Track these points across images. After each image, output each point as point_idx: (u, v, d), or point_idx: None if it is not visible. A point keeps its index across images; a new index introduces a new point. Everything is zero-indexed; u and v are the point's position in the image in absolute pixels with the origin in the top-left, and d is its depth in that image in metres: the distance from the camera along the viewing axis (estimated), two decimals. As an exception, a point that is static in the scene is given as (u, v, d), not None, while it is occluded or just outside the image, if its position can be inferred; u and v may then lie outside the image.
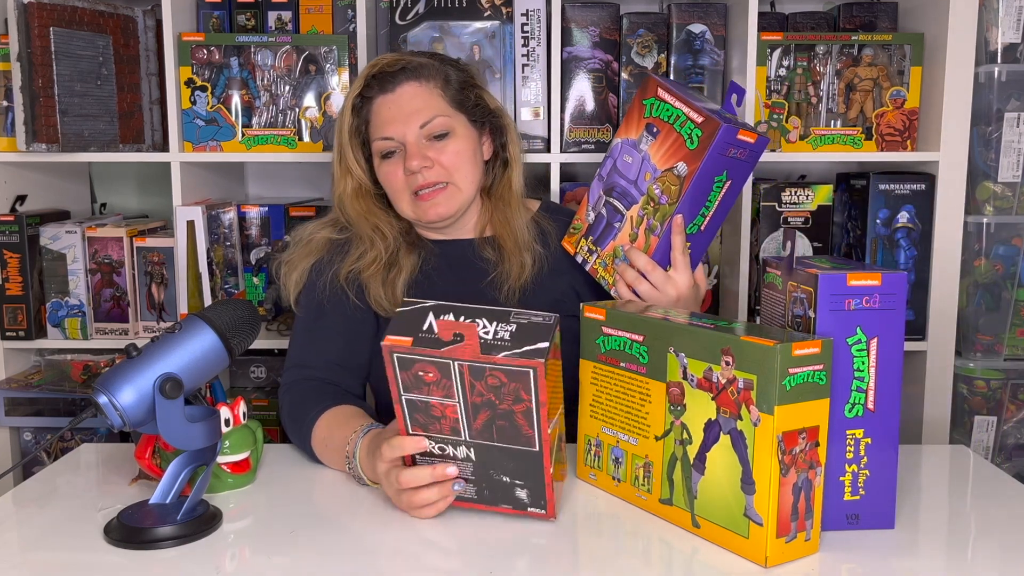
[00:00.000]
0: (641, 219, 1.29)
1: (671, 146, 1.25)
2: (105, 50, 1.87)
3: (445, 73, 1.41)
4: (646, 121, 1.30)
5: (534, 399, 1.00)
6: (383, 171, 1.40)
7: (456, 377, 1.02)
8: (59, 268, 1.93)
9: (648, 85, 1.32)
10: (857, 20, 1.99)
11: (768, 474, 0.94)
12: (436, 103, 1.38)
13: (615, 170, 1.34)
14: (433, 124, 1.37)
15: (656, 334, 1.06)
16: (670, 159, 1.25)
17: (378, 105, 1.39)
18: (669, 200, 1.25)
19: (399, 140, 1.37)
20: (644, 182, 1.29)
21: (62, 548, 1.03)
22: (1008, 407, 1.91)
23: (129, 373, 1.03)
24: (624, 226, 1.32)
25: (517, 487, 1.07)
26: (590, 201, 1.38)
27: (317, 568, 0.98)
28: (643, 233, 1.29)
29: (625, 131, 1.34)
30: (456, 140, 1.38)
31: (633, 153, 1.31)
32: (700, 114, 1.22)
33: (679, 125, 1.25)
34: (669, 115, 1.27)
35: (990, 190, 1.87)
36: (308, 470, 1.26)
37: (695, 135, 1.22)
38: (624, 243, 1.31)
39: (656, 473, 1.08)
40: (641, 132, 1.31)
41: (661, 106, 1.28)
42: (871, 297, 0.99)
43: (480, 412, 1.03)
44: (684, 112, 1.24)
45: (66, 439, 1.99)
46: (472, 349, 1.00)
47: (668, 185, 1.25)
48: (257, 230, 2.04)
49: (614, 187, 1.34)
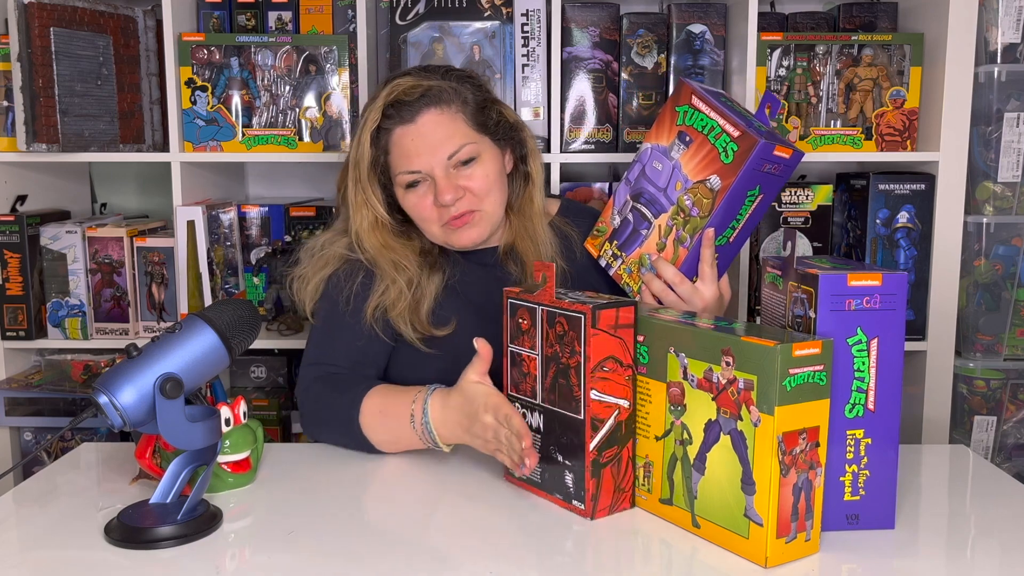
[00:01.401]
0: (670, 229, 1.28)
1: (704, 157, 1.24)
2: (105, 50, 1.87)
3: (463, 95, 1.35)
4: (679, 129, 1.28)
5: (583, 351, 1.03)
6: (410, 201, 1.36)
7: (539, 324, 1.09)
8: (59, 268, 1.93)
9: (682, 91, 1.30)
10: (857, 20, 1.99)
11: (768, 475, 0.94)
12: (461, 129, 1.34)
13: (643, 175, 1.33)
14: (460, 153, 1.33)
15: (656, 334, 1.06)
16: (703, 171, 1.24)
17: (399, 136, 1.33)
18: (701, 213, 1.24)
19: (426, 172, 1.33)
20: (675, 192, 1.28)
21: (62, 547, 1.03)
22: (1008, 407, 1.91)
23: (129, 373, 1.03)
24: (651, 234, 1.31)
25: (566, 469, 1.09)
26: (616, 204, 1.38)
27: (317, 568, 0.98)
28: (671, 244, 1.28)
29: (656, 136, 1.33)
30: (483, 164, 1.35)
31: (664, 160, 1.30)
32: (736, 128, 1.21)
33: (714, 137, 1.23)
34: (704, 125, 1.25)
35: (990, 190, 1.87)
36: (308, 470, 1.26)
37: (731, 149, 1.21)
38: (651, 251, 1.31)
39: (656, 473, 1.08)
40: (673, 139, 1.29)
41: (695, 115, 1.26)
42: (871, 297, 0.99)
43: (549, 367, 1.09)
44: (720, 124, 1.23)
45: (66, 439, 1.99)
46: (549, 294, 1.09)
47: (700, 198, 1.24)
48: (257, 230, 2.04)
49: (642, 193, 1.33)
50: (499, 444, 1.16)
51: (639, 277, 1.32)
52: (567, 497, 1.10)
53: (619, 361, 1.07)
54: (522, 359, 1.14)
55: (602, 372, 1.05)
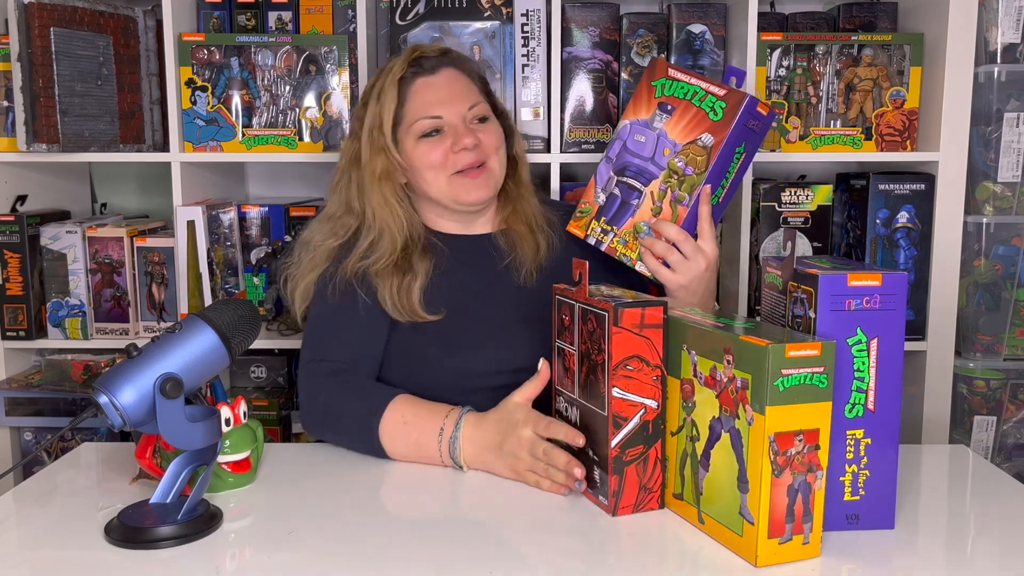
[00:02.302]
0: (664, 192, 1.33)
1: (691, 120, 1.31)
2: (105, 50, 1.87)
3: (476, 69, 1.49)
4: (658, 101, 1.34)
5: (606, 349, 1.05)
6: (421, 150, 1.40)
7: (577, 320, 1.12)
8: (59, 268, 1.93)
9: (657, 67, 1.36)
10: (857, 20, 1.99)
11: (759, 474, 0.94)
12: (476, 90, 1.45)
13: (626, 150, 1.37)
14: (478, 108, 1.42)
15: (672, 331, 1.07)
16: (692, 132, 1.31)
17: (419, 87, 1.41)
18: (696, 170, 1.30)
19: (447, 120, 1.39)
20: (663, 157, 1.33)
21: (62, 547, 1.03)
22: (1008, 407, 1.91)
23: (129, 373, 1.03)
24: (644, 202, 1.35)
25: (595, 464, 1.11)
26: (599, 183, 1.40)
27: (317, 568, 0.98)
28: (668, 205, 1.32)
29: (633, 112, 1.38)
30: (494, 124, 1.45)
31: (646, 132, 1.35)
32: (721, 87, 1.29)
33: (699, 100, 1.30)
34: (685, 92, 1.32)
35: (990, 190, 1.87)
36: (308, 470, 1.26)
37: (719, 107, 1.29)
38: (646, 218, 1.34)
39: (671, 467, 1.09)
40: (653, 111, 1.34)
41: (675, 84, 1.33)
42: (871, 297, 0.99)
43: (583, 363, 1.12)
44: (703, 87, 1.31)
45: (66, 439, 1.99)
46: (583, 291, 1.11)
47: (694, 156, 1.30)
48: (257, 230, 2.04)
49: (627, 166, 1.36)
50: (534, 463, 1.16)
51: (635, 246, 1.35)
52: (596, 492, 1.12)
53: (645, 361, 1.07)
54: (565, 354, 1.17)
55: (625, 371, 1.06)
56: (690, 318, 1.07)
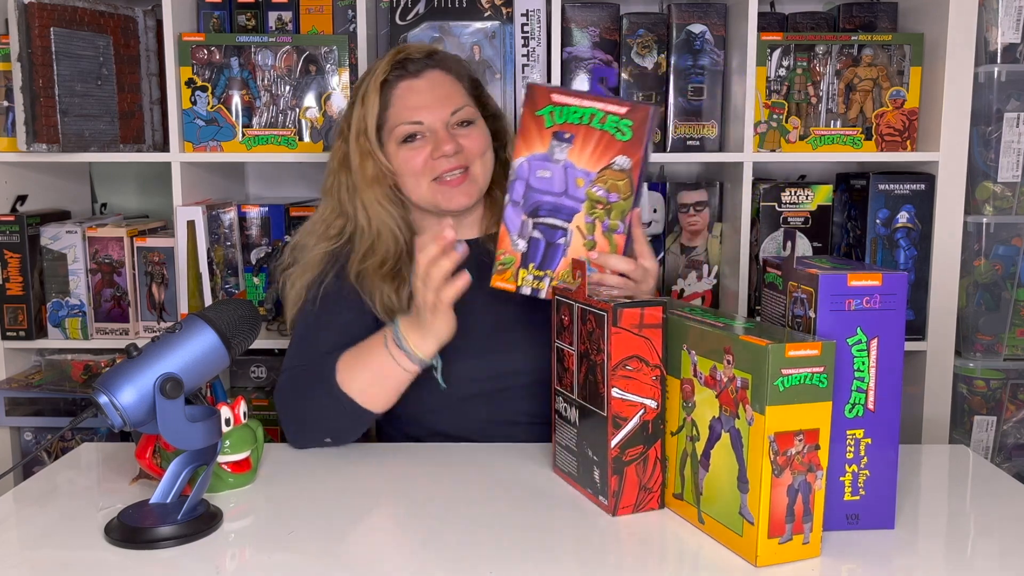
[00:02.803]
0: (592, 225, 1.25)
1: (597, 145, 1.23)
2: (105, 50, 1.87)
3: (465, 69, 1.47)
4: (551, 131, 1.25)
5: (605, 349, 1.05)
6: (402, 155, 1.39)
7: (576, 320, 1.11)
8: (59, 268, 1.93)
9: (537, 95, 1.24)
10: (857, 20, 1.99)
11: (759, 474, 0.94)
12: (461, 93, 1.42)
13: (532, 190, 1.26)
14: (462, 112, 1.40)
15: (673, 331, 1.07)
16: (603, 157, 1.23)
17: (403, 90, 1.40)
18: (621, 196, 1.23)
19: (428, 125, 1.38)
20: (579, 189, 1.24)
21: (62, 547, 1.03)
22: (1008, 407, 1.91)
23: (129, 373, 1.03)
24: (572, 239, 1.26)
25: (594, 465, 1.11)
26: (512, 231, 1.27)
27: (317, 568, 0.98)
28: (601, 237, 1.25)
29: (526, 148, 1.25)
30: (478, 128, 1.43)
31: (549, 166, 1.25)
32: (620, 104, 1.22)
33: (599, 123, 1.22)
34: (580, 116, 1.23)
35: (990, 190, 1.87)
36: (308, 470, 1.26)
37: (624, 127, 1.22)
38: (580, 254, 1.26)
39: (671, 467, 1.09)
40: (550, 143, 1.24)
41: (565, 110, 1.23)
42: (871, 297, 0.99)
43: (583, 363, 1.11)
44: (599, 108, 1.22)
45: (66, 439, 1.99)
46: (582, 292, 1.11)
47: (614, 182, 1.23)
48: (257, 230, 2.04)
49: (539, 206, 1.26)
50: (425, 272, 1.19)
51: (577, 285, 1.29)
52: (595, 492, 1.12)
53: (644, 361, 1.07)
54: (564, 355, 1.17)
55: (624, 371, 1.06)
56: (690, 318, 1.07)
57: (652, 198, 1.97)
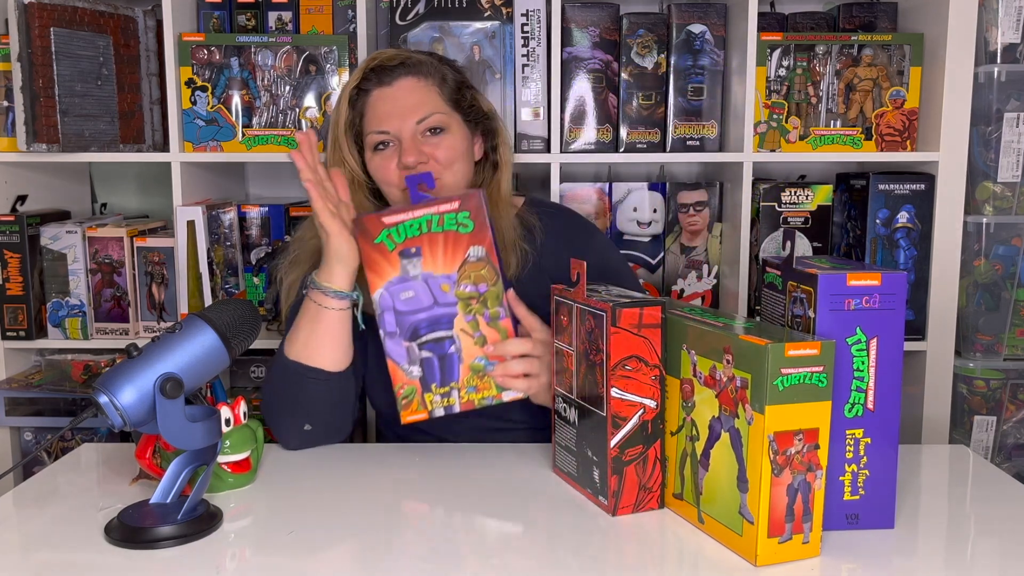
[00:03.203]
0: (474, 322, 1.24)
1: (446, 246, 1.22)
2: (105, 50, 1.87)
3: (442, 72, 1.42)
4: (397, 252, 1.23)
5: (604, 349, 1.05)
6: (375, 163, 1.40)
7: (575, 320, 1.12)
8: (59, 268, 1.93)
9: (368, 226, 1.23)
10: (857, 20, 1.99)
11: (759, 473, 0.94)
12: (433, 99, 1.39)
13: (401, 315, 1.24)
14: (430, 120, 1.38)
15: (673, 331, 1.07)
16: (456, 255, 1.22)
17: (375, 99, 1.39)
18: (490, 283, 1.23)
19: (395, 134, 1.37)
20: (447, 294, 1.23)
21: (62, 548, 1.03)
22: (1008, 407, 1.91)
23: (129, 373, 1.03)
24: (462, 343, 1.25)
25: (594, 465, 1.11)
26: (400, 362, 1.25)
27: (317, 568, 0.98)
28: (488, 329, 1.24)
29: (380, 279, 1.23)
30: (450, 136, 1.40)
31: (409, 286, 1.24)
32: (449, 201, 1.21)
33: (437, 225, 1.21)
34: (418, 227, 1.22)
35: (990, 190, 1.87)
36: (308, 470, 1.26)
37: (463, 219, 1.21)
38: (475, 355, 1.25)
39: (671, 467, 1.09)
40: (399, 264, 1.23)
41: (401, 228, 1.22)
42: (871, 297, 0.99)
43: (582, 363, 1.11)
44: (433, 213, 1.21)
45: (66, 439, 1.99)
46: (581, 292, 1.11)
47: (477, 274, 1.23)
48: (257, 230, 2.04)
49: (417, 327, 1.24)
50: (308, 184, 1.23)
51: (488, 382, 1.26)
52: (595, 492, 1.12)
53: (644, 360, 1.07)
54: (564, 355, 1.17)
55: (624, 371, 1.06)
56: (690, 318, 1.07)
57: (652, 198, 1.97)
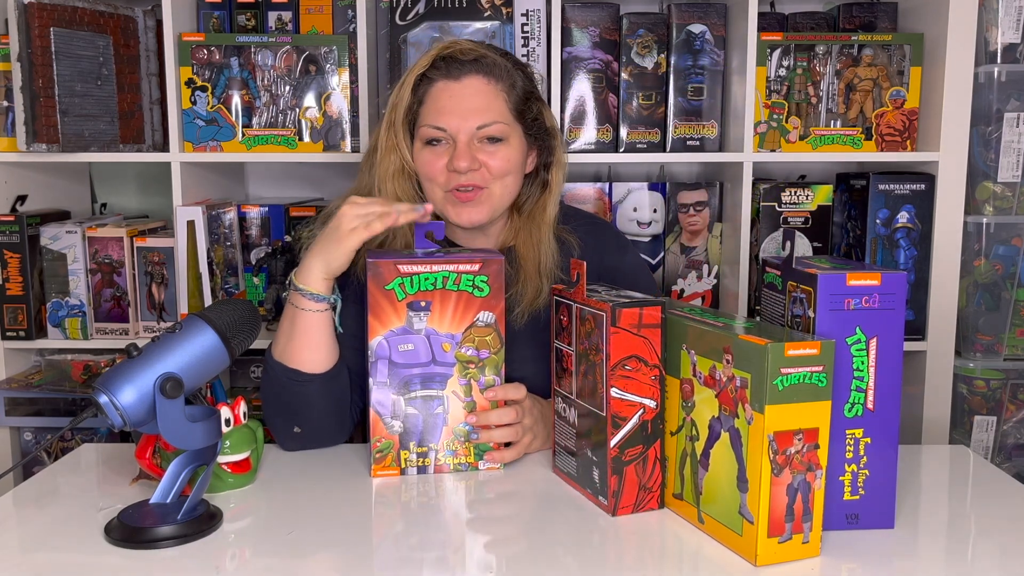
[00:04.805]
0: (468, 386, 1.22)
1: (456, 306, 1.19)
2: (105, 50, 1.87)
3: (514, 78, 1.36)
4: (405, 303, 1.19)
5: (604, 349, 1.05)
6: (423, 157, 1.35)
7: (574, 320, 1.11)
8: (59, 268, 1.93)
9: (380, 270, 1.18)
10: (857, 20, 1.99)
11: (759, 473, 0.94)
12: (499, 106, 1.34)
13: (396, 367, 1.20)
14: (490, 128, 1.32)
15: (673, 331, 1.07)
16: (464, 317, 1.19)
17: (439, 90, 1.33)
18: (491, 351, 1.21)
19: (451, 133, 1.32)
20: (447, 354, 1.20)
21: (62, 548, 1.03)
22: (1008, 407, 1.91)
23: (129, 373, 1.03)
24: (450, 406, 1.22)
25: (594, 465, 1.11)
26: (383, 414, 1.21)
27: (317, 568, 0.98)
28: (479, 396, 1.22)
29: (382, 325, 1.19)
30: (507, 148, 1.34)
31: (410, 339, 1.20)
32: (471, 262, 1.18)
33: (453, 284, 1.18)
34: (433, 282, 1.18)
35: (990, 190, 1.87)
36: (308, 470, 1.26)
37: (480, 283, 1.19)
38: (460, 420, 1.23)
39: (671, 467, 1.09)
40: (406, 315, 1.19)
41: (415, 280, 1.18)
42: (871, 297, 0.99)
43: (581, 363, 1.11)
44: (452, 271, 1.18)
45: (66, 439, 1.99)
46: (581, 292, 1.11)
47: (482, 339, 1.20)
48: (257, 230, 2.04)
49: (409, 382, 1.21)
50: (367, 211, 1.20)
51: (468, 448, 1.24)
52: (595, 492, 1.12)
53: (643, 360, 1.07)
54: (563, 355, 1.17)
55: (623, 371, 1.06)
56: (690, 318, 1.07)
57: (652, 198, 1.97)
